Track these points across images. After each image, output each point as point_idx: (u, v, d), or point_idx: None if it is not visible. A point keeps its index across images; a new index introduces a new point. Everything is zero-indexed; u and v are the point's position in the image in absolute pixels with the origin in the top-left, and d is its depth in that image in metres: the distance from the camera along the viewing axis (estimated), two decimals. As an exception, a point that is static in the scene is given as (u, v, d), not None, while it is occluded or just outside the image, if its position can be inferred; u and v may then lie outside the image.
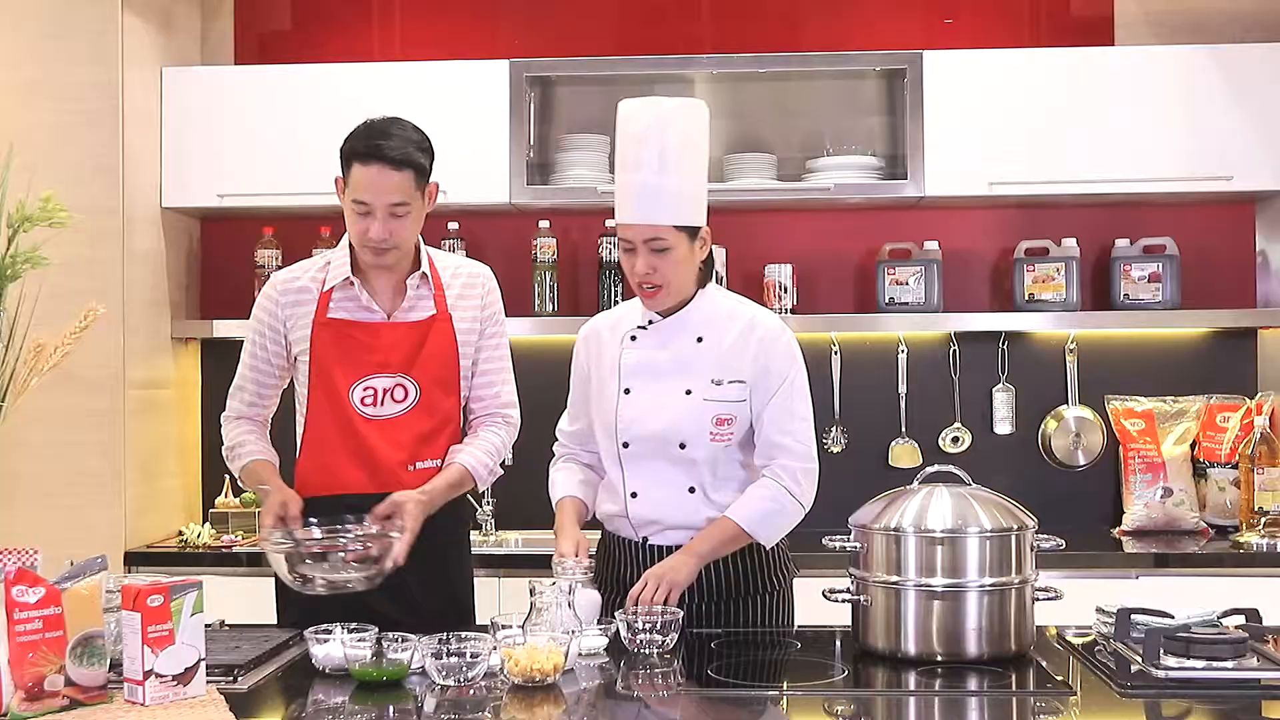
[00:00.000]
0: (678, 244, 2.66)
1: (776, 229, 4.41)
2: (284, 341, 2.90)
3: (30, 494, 3.78)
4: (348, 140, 2.81)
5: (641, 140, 2.65)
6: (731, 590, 2.74)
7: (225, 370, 3.06)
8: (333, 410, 2.84)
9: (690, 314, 2.75)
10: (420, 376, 2.86)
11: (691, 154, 2.67)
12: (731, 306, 2.79)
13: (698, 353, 2.72)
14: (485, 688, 2.20)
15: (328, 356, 2.84)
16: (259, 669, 2.33)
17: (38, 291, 2.46)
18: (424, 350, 2.86)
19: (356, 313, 2.86)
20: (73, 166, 3.84)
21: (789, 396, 2.74)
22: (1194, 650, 2.21)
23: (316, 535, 2.63)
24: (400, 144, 2.76)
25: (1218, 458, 4.14)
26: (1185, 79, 4.03)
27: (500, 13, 4.49)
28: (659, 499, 2.73)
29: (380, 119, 2.81)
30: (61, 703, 2.05)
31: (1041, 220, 4.34)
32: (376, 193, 2.75)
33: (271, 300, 2.91)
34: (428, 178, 2.83)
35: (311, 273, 2.91)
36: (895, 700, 2.25)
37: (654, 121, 2.66)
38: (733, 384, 2.71)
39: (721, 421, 2.70)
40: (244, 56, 4.51)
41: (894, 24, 4.42)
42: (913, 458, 4.31)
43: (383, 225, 2.76)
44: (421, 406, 2.86)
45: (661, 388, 2.71)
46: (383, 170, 2.74)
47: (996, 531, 2.37)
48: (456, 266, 2.99)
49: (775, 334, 2.76)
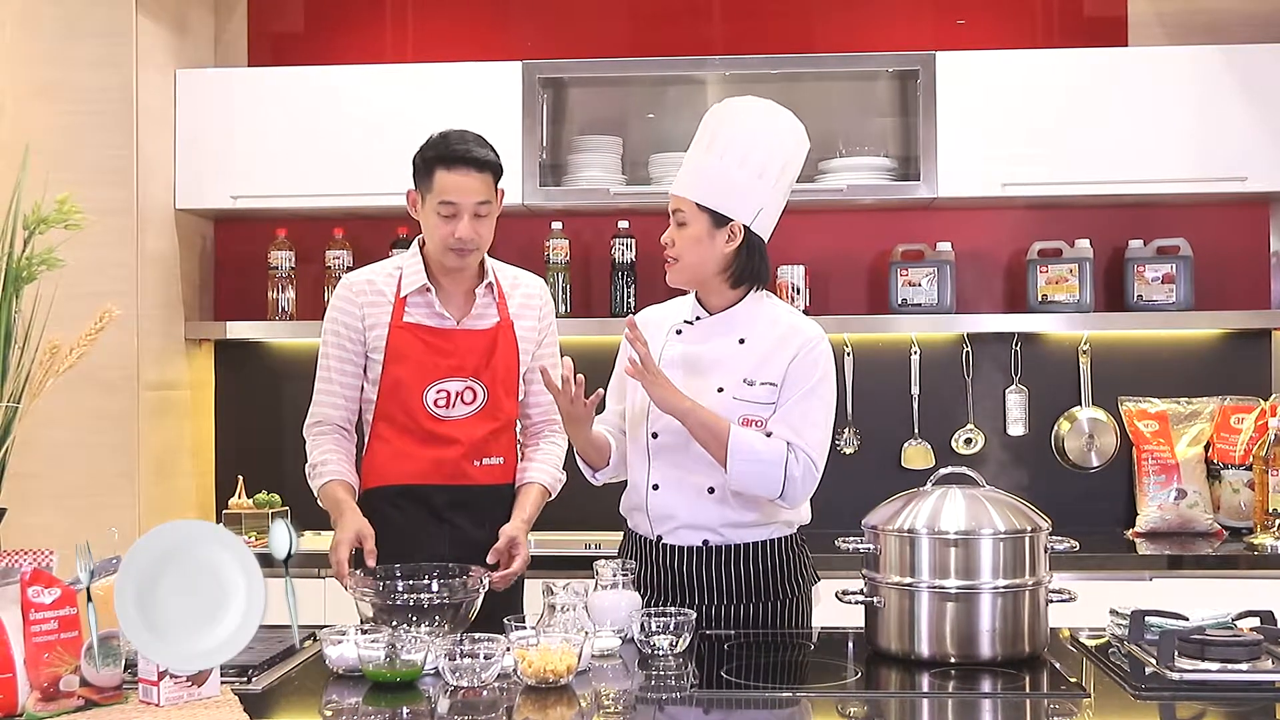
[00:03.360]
0: (694, 222, 2.70)
1: (789, 230, 4.34)
2: (363, 339, 2.98)
3: (45, 495, 3.79)
4: (427, 149, 2.93)
5: (708, 125, 2.76)
6: (751, 594, 2.73)
7: (239, 371, 3.08)
8: (404, 411, 2.96)
9: (736, 314, 2.78)
10: (489, 381, 2.98)
11: (744, 147, 2.70)
12: (776, 313, 2.81)
13: (737, 353, 2.74)
14: (499, 689, 2.20)
15: (404, 359, 2.95)
16: (273, 670, 2.33)
17: (53, 293, 2.47)
18: (493, 356, 2.98)
19: (430, 318, 2.97)
20: (87, 168, 3.86)
21: (808, 402, 2.71)
22: (1208, 652, 2.20)
23: (400, 589, 2.51)
24: (480, 147, 2.92)
25: (1232, 459, 4.13)
26: (1199, 79, 4.02)
27: (513, 14, 4.50)
28: (679, 494, 2.74)
29: (448, 129, 2.95)
30: (77, 703, 2.06)
31: (1054, 221, 4.33)
32: (464, 194, 2.88)
33: (348, 301, 3.00)
34: (500, 180, 2.97)
35: (383, 276, 3.01)
36: (908, 702, 2.25)
37: (729, 112, 2.77)
38: (764, 385, 2.71)
39: (748, 423, 2.69)
40: (257, 58, 4.52)
41: (907, 25, 4.42)
42: (926, 459, 4.30)
43: (469, 225, 2.89)
44: (488, 409, 2.98)
45: (696, 382, 2.73)
46: (469, 173, 2.88)
47: (1010, 533, 2.37)
48: (515, 277, 3.10)
49: (813, 342, 2.75)
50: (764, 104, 2.80)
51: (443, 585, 2.48)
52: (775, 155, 2.74)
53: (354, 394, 3.02)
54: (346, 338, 2.99)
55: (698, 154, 2.74)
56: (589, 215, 4.35)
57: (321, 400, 3.02)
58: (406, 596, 2.43)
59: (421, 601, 2.41)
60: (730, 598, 2.73)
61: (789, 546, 2.79)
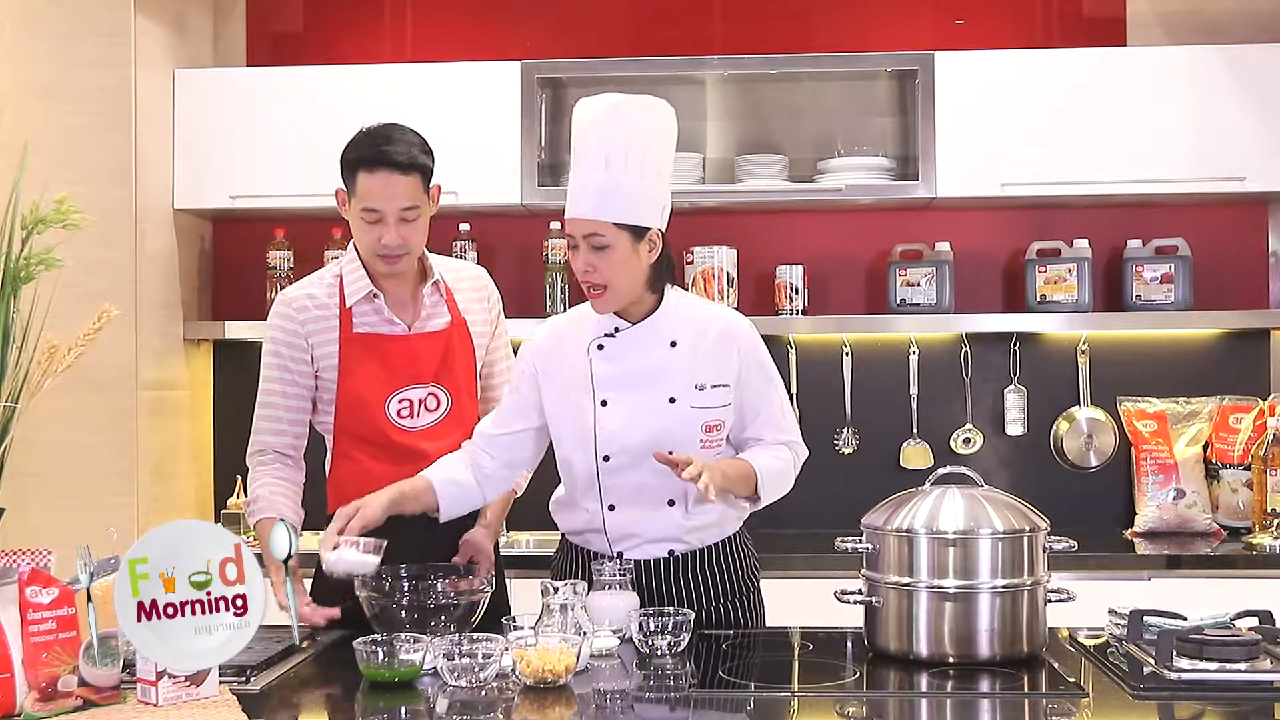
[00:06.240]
0: (617, 242, 2.56)
1: (788, 230, 4.41)
2: (310, 358, 2.82)
3: (43, 495, 3.80)
4: (349, 149, 2.77)
5: (586, 136, 2.59)
6: (715, 596, 2.73)
7: (237, 371, 3.07)
8: (365, 425, 2.82)
9: (660, 319, 2.67)
10: (450, 386, 2.85)
11: (640, 152, 2.56)
12: (700, 308, 2.73)
13: (673, 358, 2.65)
14: (497, 689, 2.20)
15: (359, 371, 2.80)
16: (271, 670, 2.33)
17: (51, 293, 2.46)
18: (450, 359, 2.86)
19: (380, 326, 2.82)
20: (86, 168, 3.86)
21: (776, 394, 2.74)
22: (1207, 652, 2.20)
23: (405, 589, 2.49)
24: (405, 147, 2.73)
25: (1230, 459, 4.13)
26: (1198, 79, 4.02)
27: (512, 14, 4.50)
28: (639, 511, 2.67)
29: (377, 125, 2.78)
30: (75, 703, 2.06)
31: (1053, 221, 4.33)
32: (386, 199, 2.72)
33: (288, 319, 2.83)
34: (431, 179, 2.80)
35: (324, 288, 2.85)
36: (907, 702, 2.25)
37: (601, 118, 2.59)
38: (716, 389, 2.65)
39: (711, 428, 2.65)
40: (256, 58, 4.52)
41: (905, 25, 4.42)
42: (924, 459, 4.30)
43: (395, 231, 2.73)
44: (452, 415, 2.85)
45: (641, 397, 2.64)
46: (390, 176, 2.71)
47: (1008, 533, 2.37)
48: (458, 270, 2.97)
49: (748, 333, 2.72)
50: (630, 99, 2.65)
51: (448, 586, 2.47)
52: (661, 147, 2.63)
53: (299, 419, 2.85)
54: (290, 358, 2.82)
55: (594, 171, 2.55)
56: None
57: (262, 428, 2.84)
58: (412, 598, 2.43)
59: (428, 603, 2.41)
60: (695, 603, 2.69)
61: (740, 542, 2.79)
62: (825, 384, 4.33)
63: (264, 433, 2.85)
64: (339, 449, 2.86)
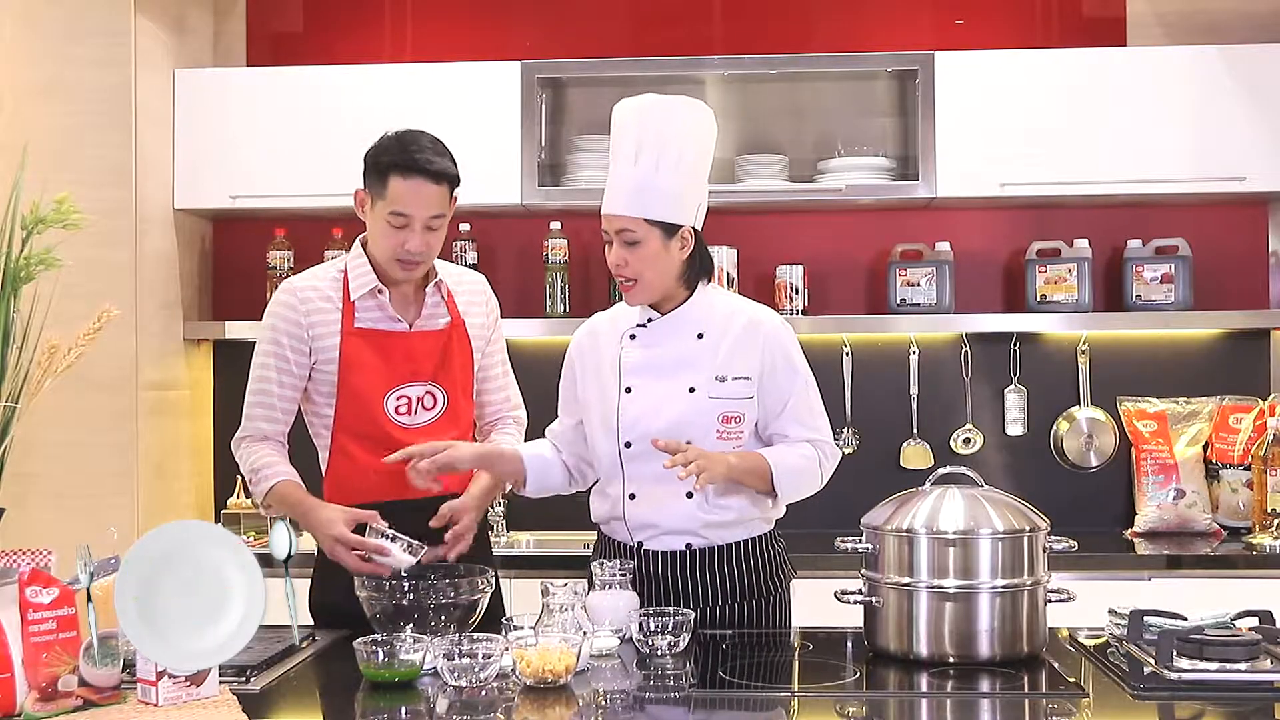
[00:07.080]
0: (648, 239, 2.63)
1: (788, 230, 4.41)
2: (308, 349, 2.83)
3: (43, 495, 3.80)
4: (380, 153, 2.77)
5: (622, 134, 2.68)
6: (735, 594, 2.73)
7: (238, 371, 3.04)
8: (366, 421, 2.81)
9: (689, 311, 2.74)
10: (447, 385, 2.87)
11: (674, 151, 2.63)
12: (730, 303, 2.79)
13: (699, 349, 2.71)
14: (497, 689, 2.20)
15: (360, 366, 2.80)
16: (271, 670, 2.33)
17: (51, 293, 2.46)
18: (449, 358, 2.88)
19: (382, 322, 2.83)
20: (86, 168, 3.86)
21: (805, 391, 2.76)
22: (1207, 652, 2.20)
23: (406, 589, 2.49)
24: (438, 156, 2.76)
25: (1230, 459, 4.13)
26: (1198, 80, 4.02)
27: (512, 14, 4.50)
28: (658, 502, 2.70)
29: (404, 131, 2.79)
30: (75, 703, 2.06)
31: (1053, 221, 4.33)
32: (418, 205, 2.74)
33: (290, 307, 2.83)
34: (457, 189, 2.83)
35: (328, 281, 2.86)
36: (907, 702, 2.25)
37: (636, 117, 2.68)
38: (738, 380, 2.69)
39: (729, 420, 2.69)
40: (256, 58, 4.52)
41: (905, 25, 4.42)
42: (924, 459, 4.30)
43: (420, 238, 2.76)
44: (448, 414, 2.87)
45: (664, 386, 2.69)
46: (424, 183, 2.74)
47: (1008, 533, 2.37)
48: (459, 275, 3.01)
49: (780, 330, 2.76)
50: (668, 99, 2.72)
51: (450, 586, 2.47)
52: (700, 148, 2.70)
53: (292, 408, 2.85)
54: (290, 348, 2.81)
55: (626, 168, 2.64)
56: (588, 215, 4.28)
57: (255, 414, 2.83)
58: (413, 597, 2.43)
59: (427, 603, 2.41)
60: (714, 599, 2.71)
61: (768, 544, 2.79)
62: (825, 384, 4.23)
63: (257, 419, 2.85)
64: (336, 444, 2.85)
